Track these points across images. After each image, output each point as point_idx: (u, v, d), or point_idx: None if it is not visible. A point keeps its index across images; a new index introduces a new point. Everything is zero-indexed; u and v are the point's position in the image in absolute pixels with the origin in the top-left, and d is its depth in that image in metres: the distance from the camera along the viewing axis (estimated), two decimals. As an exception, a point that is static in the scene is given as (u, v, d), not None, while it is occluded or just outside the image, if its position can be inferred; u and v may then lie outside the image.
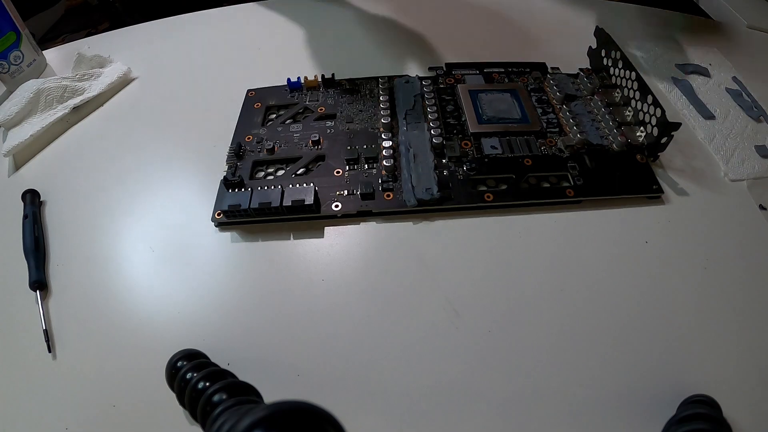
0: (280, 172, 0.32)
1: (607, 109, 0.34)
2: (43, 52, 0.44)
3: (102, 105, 0.39)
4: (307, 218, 0.29)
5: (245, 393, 0.20)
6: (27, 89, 0.38)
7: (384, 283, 0.27)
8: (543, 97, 0.36)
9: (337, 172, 0.31)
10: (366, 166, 0.32)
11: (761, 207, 0.30)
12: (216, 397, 0.20)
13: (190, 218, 0.30)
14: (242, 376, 0.22)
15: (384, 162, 0.31)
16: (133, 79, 0.41)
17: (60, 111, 0.37)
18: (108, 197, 0.32)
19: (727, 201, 0.31)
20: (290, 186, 0.29)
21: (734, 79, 0.39)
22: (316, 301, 0.26)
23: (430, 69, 0.39)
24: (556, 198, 0.30)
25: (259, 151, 0.33)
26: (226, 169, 0.32)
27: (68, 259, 0.29)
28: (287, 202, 0.28)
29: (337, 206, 0.29)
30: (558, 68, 0.39)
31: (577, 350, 0.25)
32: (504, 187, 0.30)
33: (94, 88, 0.39)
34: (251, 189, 0.29)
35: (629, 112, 0.34)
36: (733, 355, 0.24)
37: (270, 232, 0.29)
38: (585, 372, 0.24)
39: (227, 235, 0.29)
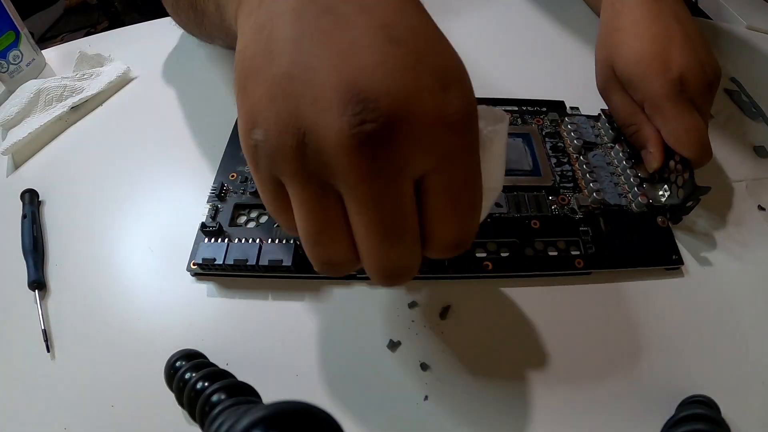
0: (263, 219, 0.29)
1: (629, 161, 0.31)
2: (42, 51, 0.44)
3: (101, 104, 0.39)
4: (286, 277, 0.27)
5: (244, 393, 0.20)
6: (27, 89, 0.38)
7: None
8: (559, 144, 0.33)
9: None
10: None
11: (760, 207, 0.30)
12: (215, 397, 0.20)
13: (189, 218, 0.30)
14: (241, 376, 0.22)
15: None
16: (133, 79, 0.41)
17: (59, 110, 0.37)
18: (107, 197, 0.32)
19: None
20: (269, 241, 0.26)
21: (732, 79, 0.39)
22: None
23: None
24: (563, 270, 0.27)
25: (242, 192, 0.30)
26: (206, 212, 0.29)
27: (67, 259, 0.29)
28: (264, 262, 0.26)
29: None
30: (578, 108, 0.35)
31: (577, 351, 0.25)
32: (505, 254, 0.27)
33: (93, 86, 0.39)
34: (228, 241, 0.26)
35: None
36: (732, 356, 0.24)
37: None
38: (584, 372, 0.24)
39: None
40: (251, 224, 0.29)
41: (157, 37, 0.45)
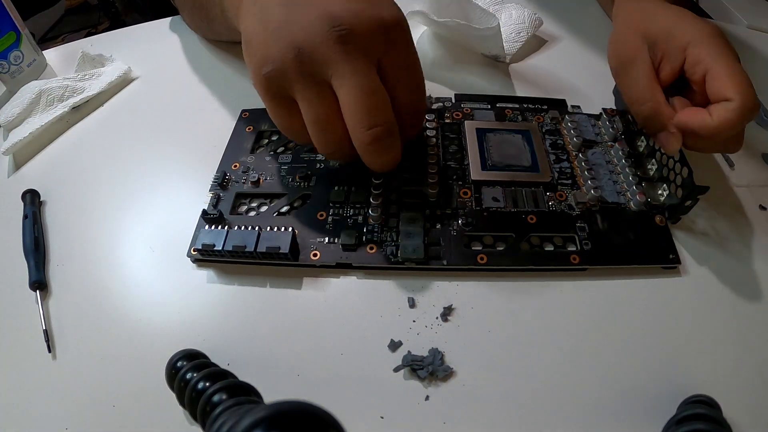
0: (263, 208, 0.30)
1: (629, 160, 0.31)
2: (43, 52, 0.44)
3: (102, 104, 0.39)
4: (284, 265, 0.27)
5: (245, 393, 0.20)
6: (29, 90, 0.38)
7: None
8: (558, 141, 0.32)
9: (321, 215, 0.29)
10: (352, 211, 0.29)
11: (761, 207, 0.30)
12: (216, 397, 0.20)
13: (189, 217, 0.30)
14: (242, 376, 0.22)
15: (371, 211, 0.28)
16: (134, 79, 0.41)
17: (60, 110, 0.37)
18: (108, 197, 0.32)
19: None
20: (267, 229, 0.27)
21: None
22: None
23: (437, 100, 0.35)
24: (558, 265, 0.27)
25: (244, 182, 0.31)
26: (207, 200, 0.30)
27: (68, 259, 0.29)
28: (262, 248, 0.26)
29: (315, 255, 0.27)
30: (579, 107, 0.35)
31: (577, 350, 0.25)
32: (501, 248, 0.27)
33: (94, 87, 0.39)
34: (228, 228, 0.27)
35: (652, 165, 0.31)
36: (733, 356, 0.24)
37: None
38: (585, 372, 0.24)
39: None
40: (251, 213, 0.30)
41: (158, 38, 0.46)
